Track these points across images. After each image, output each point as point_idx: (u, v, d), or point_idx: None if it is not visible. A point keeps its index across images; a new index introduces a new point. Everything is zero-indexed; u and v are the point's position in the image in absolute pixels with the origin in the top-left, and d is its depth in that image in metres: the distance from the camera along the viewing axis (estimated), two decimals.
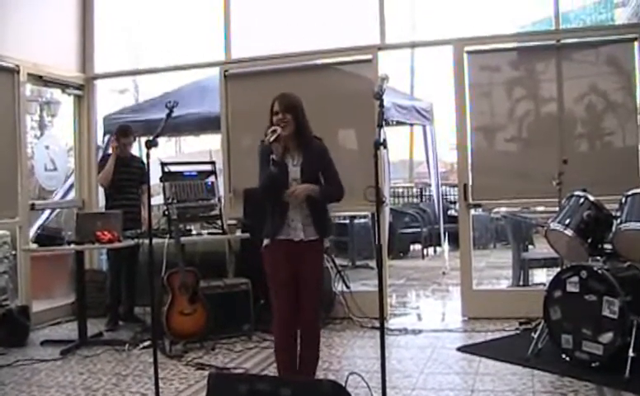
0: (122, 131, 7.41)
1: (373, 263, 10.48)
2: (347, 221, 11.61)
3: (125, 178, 7.27)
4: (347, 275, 7.36)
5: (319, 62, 7.72)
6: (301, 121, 4.36)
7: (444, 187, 14.83)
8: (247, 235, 6.94)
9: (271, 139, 4.17)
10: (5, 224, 7.39)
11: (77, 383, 5.24)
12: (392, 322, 7.06)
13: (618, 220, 5.08)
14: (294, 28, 7.57)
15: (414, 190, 18.37)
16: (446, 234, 12.39)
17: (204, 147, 12.29)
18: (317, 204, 4.37)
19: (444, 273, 10.44)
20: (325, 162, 4.44)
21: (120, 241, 6.47)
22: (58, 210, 9.08)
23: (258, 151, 4.43)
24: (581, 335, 4.94)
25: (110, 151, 7.74)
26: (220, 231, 6.97)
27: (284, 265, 4.35)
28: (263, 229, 4.48)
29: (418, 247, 13.39)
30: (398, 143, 18.79)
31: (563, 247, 5.48)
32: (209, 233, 6.98)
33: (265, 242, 4.44)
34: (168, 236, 6.39)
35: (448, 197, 15.96)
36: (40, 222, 8.33)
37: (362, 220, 12.11)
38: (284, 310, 4.40)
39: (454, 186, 14.68)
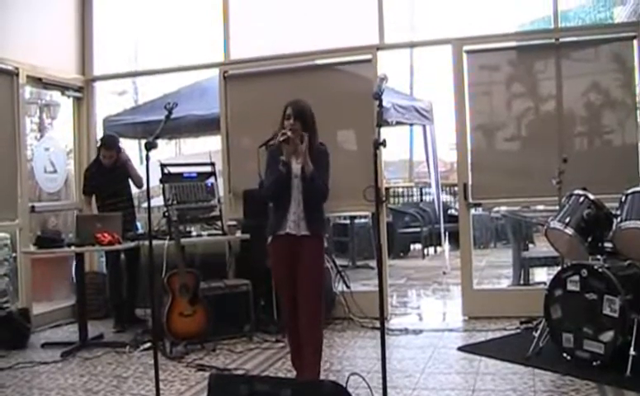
0: (104, 144, 7.35)
1: (373, 263, 10.48)
2: (347, 221, 11.61)
3: (113, 183, 7.27)
4: (347, 275, 7.37)
5: (318, 62, 7.70)
6: (309, 127, 4.53)
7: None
8: (247, 236, 6.94)
9: (281, 139, 4.40)
10: (5, 227, 7.40)
11: (77, 385, 5.24)
12: (393, 323, 7.06)
13: (619, 219, 5.07)
14: (294, 29, 7.57)
15: (414, 189, 18.34)
16: (446, 234, 12.38)
17: (204, 148, 12.27)
18: (311, 201, 4.53)
19: (444, 273, 10.43)
20: (320, 162, 4.56)
21: (120, 242, 6.47)
22: None
23: (268, 151, 4.66)
24: (582, 334, 4.94)
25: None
26: (220, 232, 6.98)
27: (283, 262, 4.57)
28: (265, 229, 4.70)
29: (418, 246, 13.37)
30: (398, 143, 18.80)
31: (563, 245, 5.48)
32: (209, 235, 6.99)
33: (269, 239, 4.65)
34: (168, 237, 6.39)
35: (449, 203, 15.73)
36: None
37: (362, 220, 12.10)
38: (288, 305, 4.64)
39: (453, 185, 14.66)
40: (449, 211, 13.33)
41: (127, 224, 6.96)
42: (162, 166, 6.86)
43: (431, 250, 13.51)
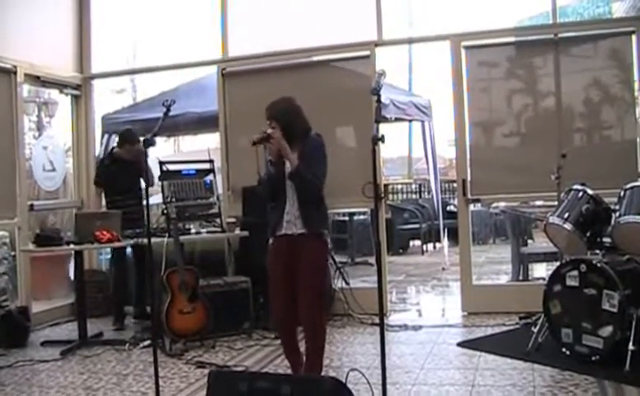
0: (128, 139, 7.32)
1: (372, 260, 10.49)
2: (346, 218, 11.60)
3: (125, 179, 7.24)
4: (347, 271, 7.37)
5: (316, 59, 7.71)
6: (288, 123, 4.51)
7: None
8: (246, 233, 6.93)
9: (254, 138, 4.46)
10: (4, 225, 7.39)
11: (77, 383, 5.24)
12: (392, 319, 7.06)
13: (617, 214, 5.07)
14: (292, 25, 7.56)
15: (413, 186, 18.35)
16: (445, 230, 12.38)
17: (203, 145, 12.27)
18: (304, 198, 4.50)
19: (443, 269, 10.44)
20: (314, 154, 4.53)
21: (120, 240, 6.47)
22: None
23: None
24: (580, 329, 4.94)
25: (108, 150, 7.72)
26: (219, 229, 6.96)
27: (281, 262, 4.55)
28: (263, 226, 4.75)
29: (418, 243, 13.37)
30: (397, 139, 18.80)
31: (562, 241, 5.48)
32: (208, 232, 6.97)
33: (270, 240, 4.66)
34: (167, 235, 6.38)
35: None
36: None
37: (361, 217, 12.10)
38: (279, 309, 4.62)
39: (452, 181, 14.64)
40: (448, 207, 13.33)
41: (135, 222, 6.92)
42: (161, 163, 6.85)
43: (430, 246, 13.52)
